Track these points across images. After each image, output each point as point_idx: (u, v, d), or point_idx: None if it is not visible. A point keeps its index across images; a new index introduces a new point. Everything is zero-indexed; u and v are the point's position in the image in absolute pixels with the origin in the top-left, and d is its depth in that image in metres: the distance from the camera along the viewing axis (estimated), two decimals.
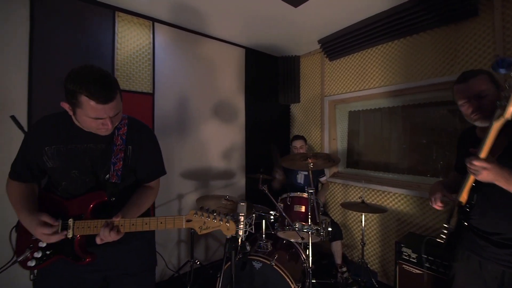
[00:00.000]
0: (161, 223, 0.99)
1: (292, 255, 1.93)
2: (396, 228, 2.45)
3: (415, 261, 1.89)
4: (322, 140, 3.15)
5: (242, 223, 1.51)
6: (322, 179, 2.85)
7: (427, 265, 1.82)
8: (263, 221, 1.97)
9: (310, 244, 1.75)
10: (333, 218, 2.88)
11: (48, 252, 1.01)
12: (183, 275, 2.46)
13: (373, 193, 2.64)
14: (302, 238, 1.79)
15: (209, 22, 2.53)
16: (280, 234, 1.96)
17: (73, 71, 0.89)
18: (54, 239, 0.97)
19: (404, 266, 1.95)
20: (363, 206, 2.05)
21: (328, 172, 3.08)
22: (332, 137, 3.12)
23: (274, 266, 1.65)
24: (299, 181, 2.73)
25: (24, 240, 1.03)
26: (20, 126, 1.52)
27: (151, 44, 2.42)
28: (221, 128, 2.93)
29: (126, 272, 1.11)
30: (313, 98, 3.29)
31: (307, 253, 1.83)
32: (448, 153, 2.32)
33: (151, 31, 2.42)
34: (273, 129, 3.45)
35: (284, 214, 1.83)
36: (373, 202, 2.60)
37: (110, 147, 1.06)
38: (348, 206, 2.12)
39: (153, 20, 2.42)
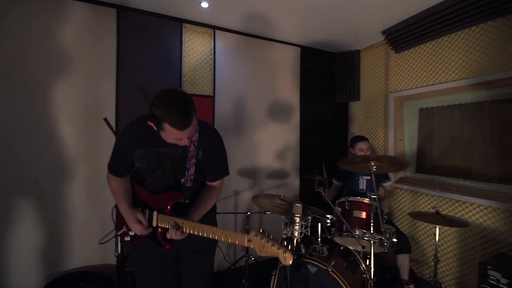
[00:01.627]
0: (226, 236, 1.07)
1: (350, 263, 1.82)
2: (480, 247, 2.07)
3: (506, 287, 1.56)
4: (386, 141, 2.87)
5: (297, 224, 1.50)
6: (386, 184, 2.58)
7: None
8: (319, 224, 1.90)
9: (372, 254, 1.61)
10: (399, 228, 2.60)
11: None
12: (238, 268, 2.57)
13: (450, 203, 2.28)
14: (363, 247, 1.67)
15: (265, 24, 2.57)
16: (337, 239, 1.87)
17: (158, 98, 0.99)
18: (143, 233, 1.18)
19: None
20: (437, 218, 1.79)
21: (393, 177, 2.80)
22: (399, 138, 2.82)
23: (330, 272, 1.58)
24: (360, 187, 2.50)
25: (122, 219, 1.26)
26: (110, 127, 1.83)
27: (212, 51, 2.60)
28: (275, 128, 2.95)
29: (194, 249, 1.30)
30: (376, 95, 3.03)
31: (368, 263, 1.70)
32: None
33: (212, 38, 2.60)
34: (329, 129, 3.31)
35: (342, 219, 1.74)
36: (450, 214, 2.25)
37: (185, 152, 1.20)
38: (418, 216, 1.88)
39: (214, 28, 2.60)
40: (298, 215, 1.46)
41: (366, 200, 1.83)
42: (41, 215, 1.98)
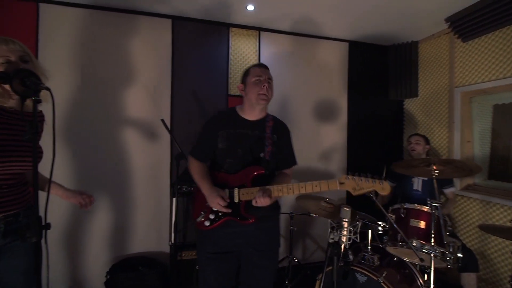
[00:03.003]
0: (316, 186, 1.11)
1: (405, 276, 1.66)
2: None
3: None
4: (451, 142, 2.54)
5: (345, 229, 1.42)
6: (449, 190, 2.29)
7: None
8: (369, 231, 1.78)
9: (432, 268, 1.45)
10: (464, 242, 2.28)
11: (220, 214, 1.28)
12: (281, 268, 2.56)
13: None
14: (421, 260, 1.51)
15: (310, 21, 2.51)
16: (390, 249, 1.72)
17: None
18: (225, 210, 1.23)
19: None
20: None
21: (458, 183, 2.46)
22: (466, 139, 2.47)
23: (382, 283, 1.47)
24: (415, 187, 2.28)
25: (198, 206, 1.34)
26: (166, 127, 2.00)
27: (257, 52, 2.64)
28: (321, 128, 2.86)
29: (258, 248, 1.34)
30: (438, 91, 2.71)
31: (426, 278, 1.53)
32: None
33: (257, 40, 2.64)
34: (381, 128, 3.06)
35: (396, 227, 1.60)
36: None
37: (262, 134, 1.35)
38: (491, 230, 1.62)
39: (259, 29, 2.63)
40: (346, 220, 1.39)
41: (426, 208, 1.65)
42: (111, 206, 2.27)
